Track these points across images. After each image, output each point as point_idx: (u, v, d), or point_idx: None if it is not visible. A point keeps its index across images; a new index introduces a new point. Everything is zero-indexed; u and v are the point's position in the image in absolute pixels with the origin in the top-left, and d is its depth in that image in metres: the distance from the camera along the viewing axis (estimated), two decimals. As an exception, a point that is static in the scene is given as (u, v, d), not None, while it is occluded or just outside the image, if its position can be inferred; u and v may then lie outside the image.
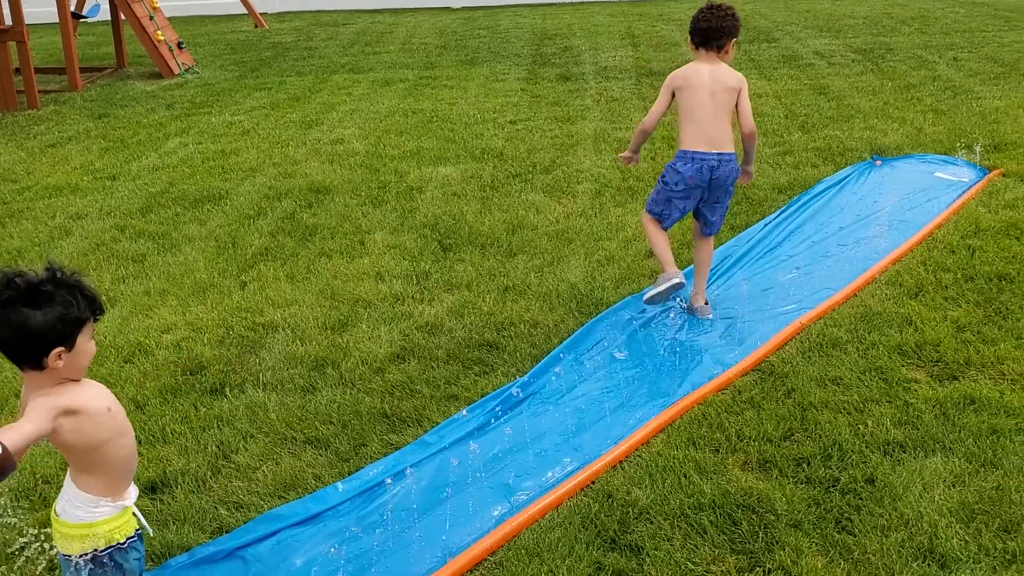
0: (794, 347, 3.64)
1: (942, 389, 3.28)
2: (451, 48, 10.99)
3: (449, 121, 7.42)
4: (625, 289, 4.21)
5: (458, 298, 4.18)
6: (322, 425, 3.22)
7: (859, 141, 6.33)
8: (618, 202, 5.38)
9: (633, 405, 3.25)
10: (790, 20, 12.00)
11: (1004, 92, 7.57)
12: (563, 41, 11.12)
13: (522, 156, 6.35)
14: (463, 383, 3.46)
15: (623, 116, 7.38)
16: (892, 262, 4.37)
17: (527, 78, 9.05)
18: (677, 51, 10.15)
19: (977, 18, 11.70)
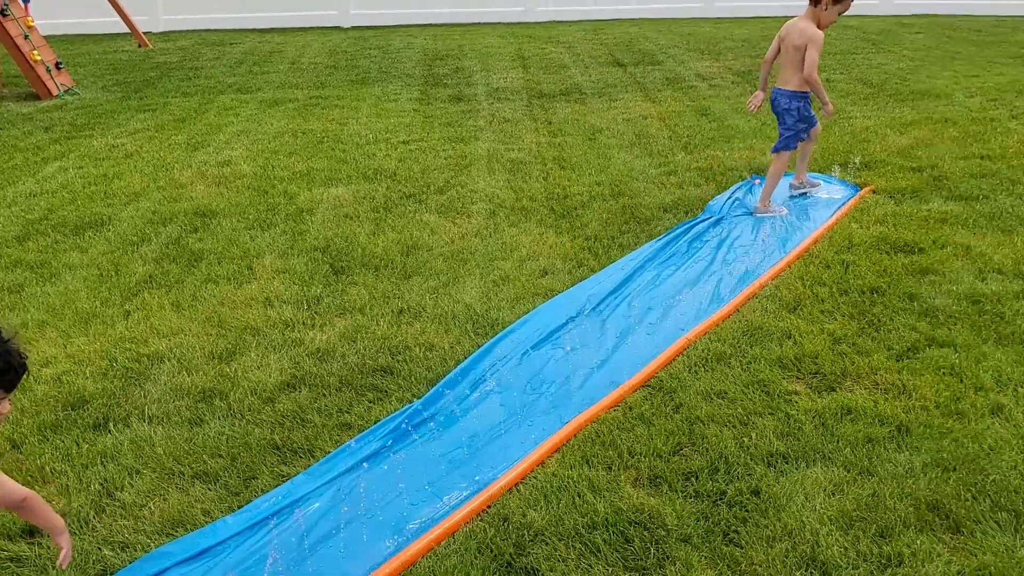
0: (682, 362, 3.74)
1: (821, 400, 3.42)
2: (342, 68, 10.92)
3: (340, 142, 7.36)
4: (521, 308, 4.25)
5: (351, 322, 4.15)
6: (211, 458, 3.13)
7: (739, 161, 6.57)
8: (512, 222, 5.43)
9: (528, 427, 3.28)
10: (673, 43, 12.37)
11: (873, 112, 7.98)
12: (455, 62, 11.18)
13: (416, 176, 6.35)
14: (356, 410, 3.43)
15: (515, 137, 7.46)
16: (772, 277, 4.54)
17: (419, 98, 9.06)
18: (566, 73, 10.34)
19: (847, 41, 12.30)
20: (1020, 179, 5.91)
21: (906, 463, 3.02)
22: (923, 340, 3.84)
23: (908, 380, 3.53)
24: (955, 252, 4.73)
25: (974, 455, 3.06)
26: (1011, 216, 5.23)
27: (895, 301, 4.21)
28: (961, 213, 5.29)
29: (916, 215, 5.28)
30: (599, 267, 4.74)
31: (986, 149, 6.63)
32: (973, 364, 3.64)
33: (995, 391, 3.45)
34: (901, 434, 3.19)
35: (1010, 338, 3.85)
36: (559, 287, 4.49)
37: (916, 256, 4.70)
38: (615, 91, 9.29)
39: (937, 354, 3.72)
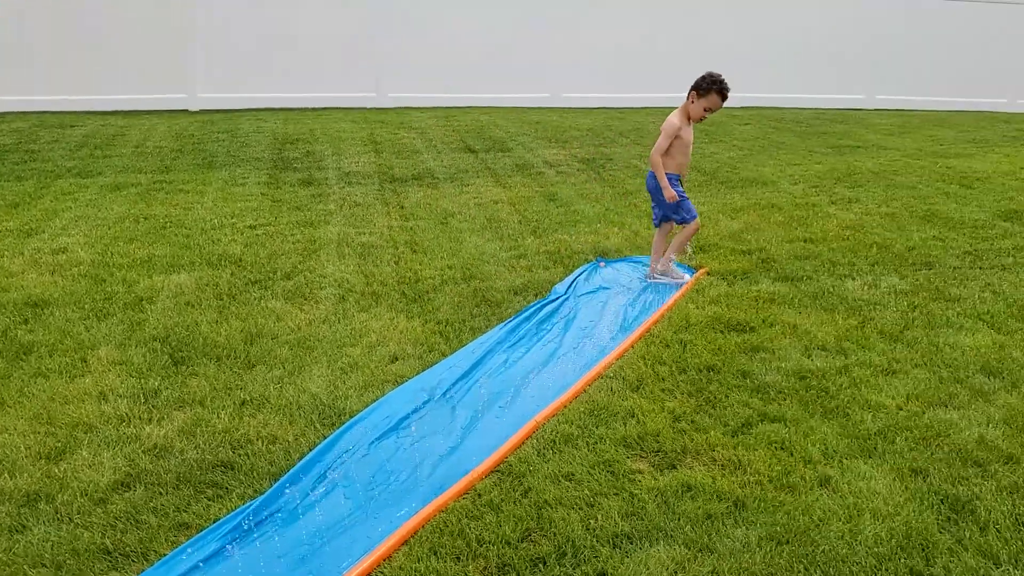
0: (531, 446, 3.79)
1: (663, 478, 3.53)
2: (188, 152, 10.70)
3: (184, 227, 7.17)
4: (369, 396, 4.21)
5: (190, 416, 3.99)
6: (32, 568, 2.92)
7: (585, 244, 6.81)
8: (362, 307, 5.40)
9: (375, 520, 3.22)
10: (522, 131, 12.78)
11: (706, 198, 8.45)
12: (305, 146, 11.16)
13: (262, 262, 6.25)
14: (195, 509, 3.28)
15: (366, 221, 7.48)
16: (617, 357, 4.69)
17: (268, 183, 8.97)
18: (418, 158, 10.49)
19: (684, 131, 13.04)
20: (839, 260, 6.38)
21: (743, 538, 3.14)
22: (756, 416, 4.04)
23: (743, 455, 3.69)
24: (783, 330, 5.03)
25: (805, 527, 3.21)
26: (832, 295, 5.62)
27: (729, 378, 4.42)
28: (787, 293, 5.64)
29: (747, 295, 5.59)
30: (450, 351, 4.77)
31: (808, 233, 7.13)
32: (802, 438, 3.85)
33: (822, 463, 3.65)
34: (738, 509, 3.32)
35: (834, 412, 4.10)
36: (409, 373, 4.48)
37: (748, 335, 4.97)
38: (467, 176, 9.48)
39: (769, 429, 3.92)
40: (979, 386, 4.37)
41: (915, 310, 5.40)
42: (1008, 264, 6.39)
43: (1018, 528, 3.22)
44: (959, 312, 5.37)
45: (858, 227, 7.38)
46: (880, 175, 9.80)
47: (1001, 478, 3.55)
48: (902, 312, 5.36)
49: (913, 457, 3.70)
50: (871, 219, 7.68)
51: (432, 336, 4.97)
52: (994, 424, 3.99)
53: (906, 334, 5.02)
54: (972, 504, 3.36)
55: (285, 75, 14.99)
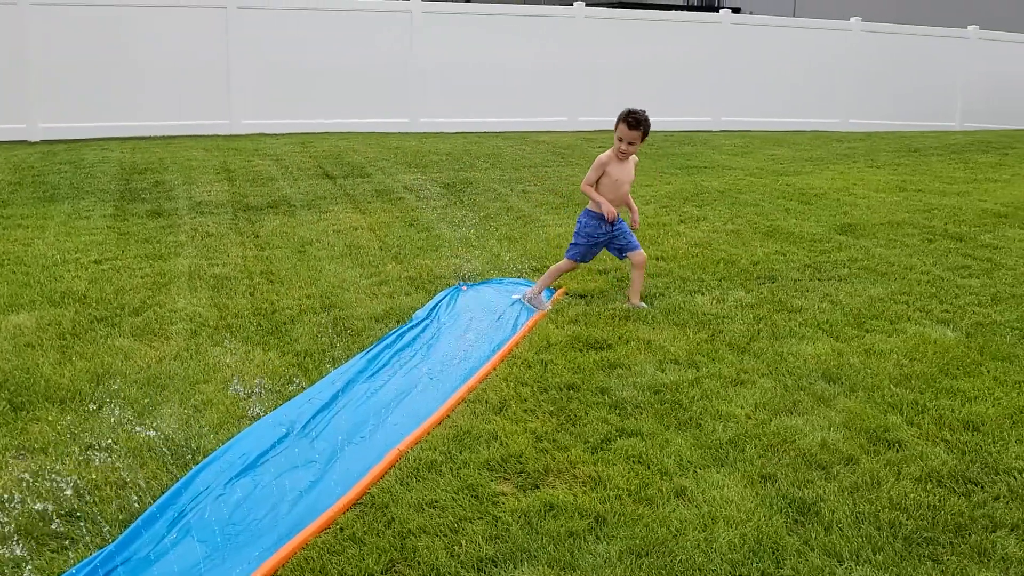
0: (394, 475, 3.75)
1: (526, 499, 3.56)
2: (27, 184, 10.14)
3: (24, 264, 6.78)
4: (225, 434, 4.08)
5: (32, 464, 3.76)
6: None
7: (447, 268, 6.83)
8: (215, 341, 5.24)
9: (232, 563, 3.11)
10: (381, 156, 12.74)
11: (564, 220, 8.63)
12: (154, 176, 10.76)
13: (108, 298, 5.97)
14: (37, 563, 3.09)
15: (219, 251, 7.27)
16: (479, 380, 4.71)
17: (114, 215, 8.60)
18: (274, 185, 10.29)
19: (539, 154, 13.31)
20: (689, 277, 6.63)
21: (604, 553, 3.20)
22: (614, 431, 4.14)
23: (603, 471, 3.77)
24: (638, 346, 5.18)
25: (663, 538, 3.30)
26: (683, 311, 5.83)
27: (589, 396, 4.52)
28: (641, 311, 5.81)
29: (604, 313, 5.74)
30: (309, 383, 4.68)
31: (660, 251, 7.39)
32: (658, 451, 3.96)
33: (678, 475, 3.77)
34: (599, 525, 3.39)
35: (688, 423, 4.25)
36: (267, 407, 4.37)
37: (605, 352, 5.09)
38: (325, 203, 9.36)
39: (627, 444, 4.02)
40: (820, 392, 4.63)
41: (760, 322, 5.67)
42: (844, 275, 6.80)
43: (859, 525, 3.42)
44: (800, 322, 5.67)
45: (706, 244, 7.70)
46: (726, 193, 10.26)
47: (843, 479, 3.76)
48: (748, 324, 5.62)
49: (762, 464, 3.88)
50: (718, 236, 8.03)
51: (290, 368, 4.87)
52: (835, 428, 4.22)
53: (753, 345, 5.27)
54: (817, 506, 3.54)
55: (132, 103, 14.45)
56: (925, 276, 6.77)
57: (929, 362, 5.03)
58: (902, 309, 5.97)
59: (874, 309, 5.96)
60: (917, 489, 3.67)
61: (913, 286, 6.50)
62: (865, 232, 8.28)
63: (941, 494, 3.64)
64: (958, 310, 5.96)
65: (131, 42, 14.33)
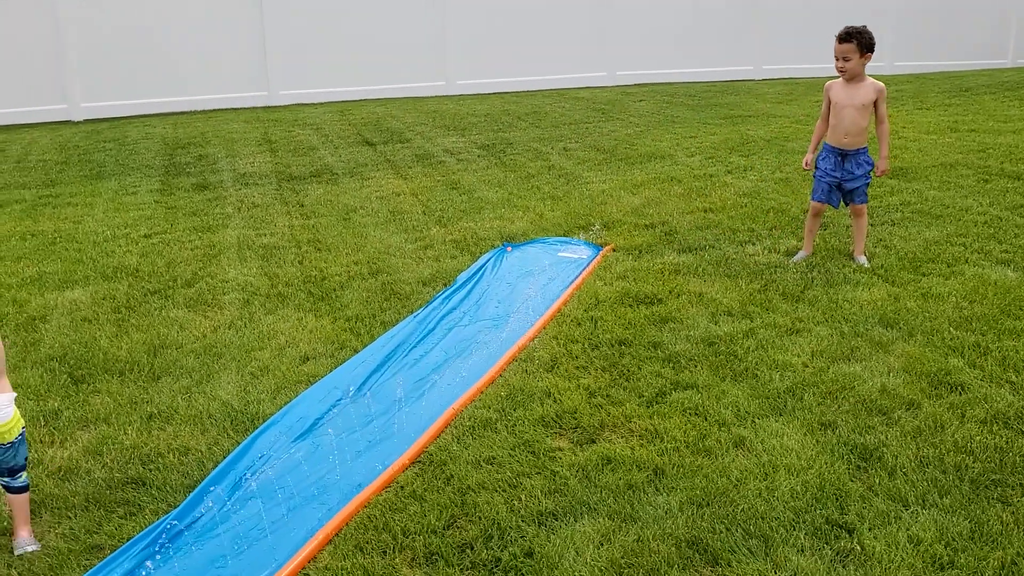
0: (450, 434, 3.77)
1: (582, 453, 3.56)
2: (74, 163, 10.27)
3: (75, 241, 6.89)
4: (282, 399, 4.12)
5: (95, 434, 3.84)
6: (-67, 609, 2.77)
7: (491, 230, 6.80)
8: (268, 309, 5.29)
9: (297, 522, 3.16)
10: (419, 121, 12.69)
11: (608, 176, 8.54)
12: (198, 150, 10.85)
13: (160, 271, 6.05)
14: (107, 529, 3.16)
15: (266, 221, 7.32)
16: (529, 340, 4.70)
17: (161, 189, 8.69)
18: (315, 154, 10.31)
19: (580, 111, 13.17)
20: (739, 228, 6.53)
21: (664, 504, 3.19)
22: (669, 385, 4.11)
23: (659, 424, 3.75)
24: (690, 300, 5.12)
25: (723, 488, 3.28)
26: (735, 262, 5.75)
27: (641, 350, 4.48)
28: (692, 263, 5.75)
29: (653, 268, 5.68)
30: (361, 347, 4.71)
31: (708, 203, 7.28)
32: (715, 402, 3.93)
33: (736, 425, 3.74)
34: (658, 477, 3.37)
35: (744, 374, 4.20)
36: (322, 372, 4.41)
37: (656, 306, 5.05)
38: (366, 170, 9.36)
39: (683, 396, 3.99)
40: (878, 338, 4.54)
41: (813, 270, 5.57)
42: (897, 219, 6.65)
43: (923, 469, 3.36)
44: (855, 268, 5.56)
45: (755, 194, 7.57)
46: (772, 142, 10.07)
47: (904, 424, 3.69)
48: (801, 273, 5.52)
49: (821, 411, 3.82)
50: (766, 185, 7.89)
51: (342, 333, 4.90)
52: (894, 373, 4.15)
53: (807, 294, 5.18)
54: (879, 451, 3.49)
55: (171, 79, 14.52)
56: (982, 217, 6.59)
57: (990, 303, 4.91)
58: (959, 251, 5.82)
59: (930, 252, 5.82)
60: (983, 431, 3.59)
61: (970, 227, 6.34)
62: (917, 175, 8.07)
63: (1008, 436, 3.56)
64: (1018, 250, 5.80)
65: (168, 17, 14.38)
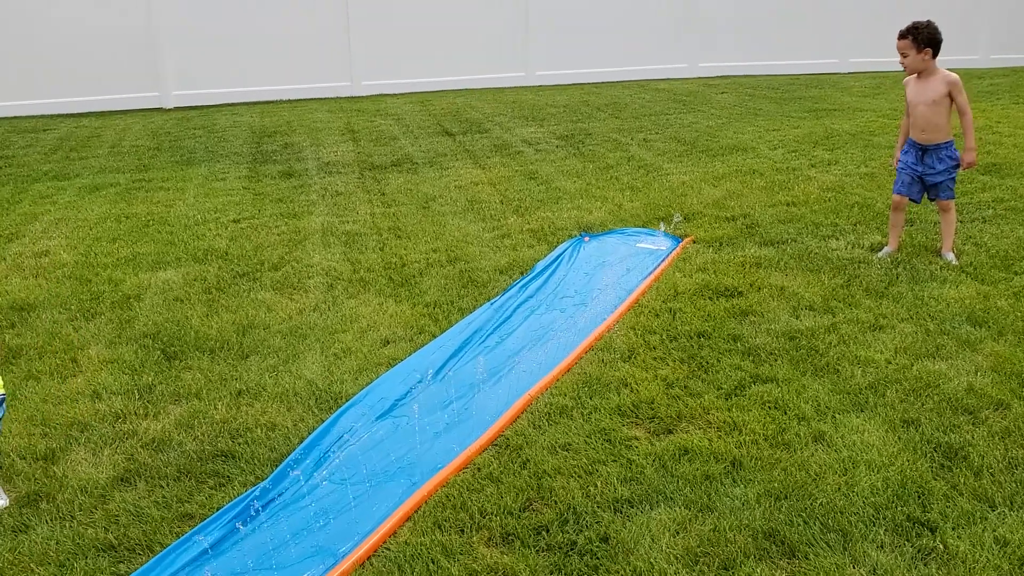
0: (526, 419, 3.81)
1: (659, 443, 3.56)
2: (165, 149, 10.63)
3: (167, 224, 7.14)
4: (364, 380, 4.22)
5: (187, 409, 4.00)
6: (39, 567, 2.93)
7: (568, 220, 6.82)
8: (351, 294, 5.41)
9: (378, 498, 3.24)
10: (498, 111, 12.76)
11: (688, 168, 8.48)
12: (283, 138, 11.11)
13: (248, 255, 6.24)
14: (198, 499, 3.29)
15: (349, 209, 7.47)
16: (607, 329, 4.71)
17: (248, 176, 8.93)
18: (396, 144, 10.46)
19: (660, 102, 13.06)
20: (822, 222, 6.42)
21: (742, 496, 3.18)
22: (748, 378, 4.08)
23: (738, 417, 3.73)
24: (771, 293, 5.07)
25: (802, 482, 3.25)
26: (817, 256, 5.66)
27: (720, 343, 4.46)
28: (773, 256, 5.68)
29: (733, 261, 5.63)
30: (440, 332, 4.78)
31: (790, 196, 7.17)
32: (795, 396, 3.89)
33: (816, 420, 3.70)
34: (735, 468, 3.36)
35: (824, 369, 4.14)
36: (401, 355, 4.50)
37: (736, 299, 5.01)
38: (445, 160, 9.47)
39: (762, 390, 3.96)
40: (965, 336, 4.43)
41: (899, 266, 5.45)
42: (988, 216, 6.45)
43: (1011, 471, 3.27)
44: (942, 265, 5.42)
45: (839, 188, 7.43)
46: (857, 136, 9.85)
47: (992, 424, 3.60)
48: (886, 269, 5.41)
49: (904, 408, 3.75)
50: (851, 180, 7.73)
51: (421, 318, 4.99)
52: (982, 372, 4.04)
53: (891, 290, 5.07)
54: (965, 451, 3.41)
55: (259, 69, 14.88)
56: (1080, 216, 6.36)
57: (1086, 305, 4.75)
58: (1055, 250, 5.63)
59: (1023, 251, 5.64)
60: (1076, 435, 3.49)
61: (1067, 226, 6.12)
62: (1011, 171, 7.81)
63: (1103, 440, 3.45)
64: (1118, 250, 5.58)
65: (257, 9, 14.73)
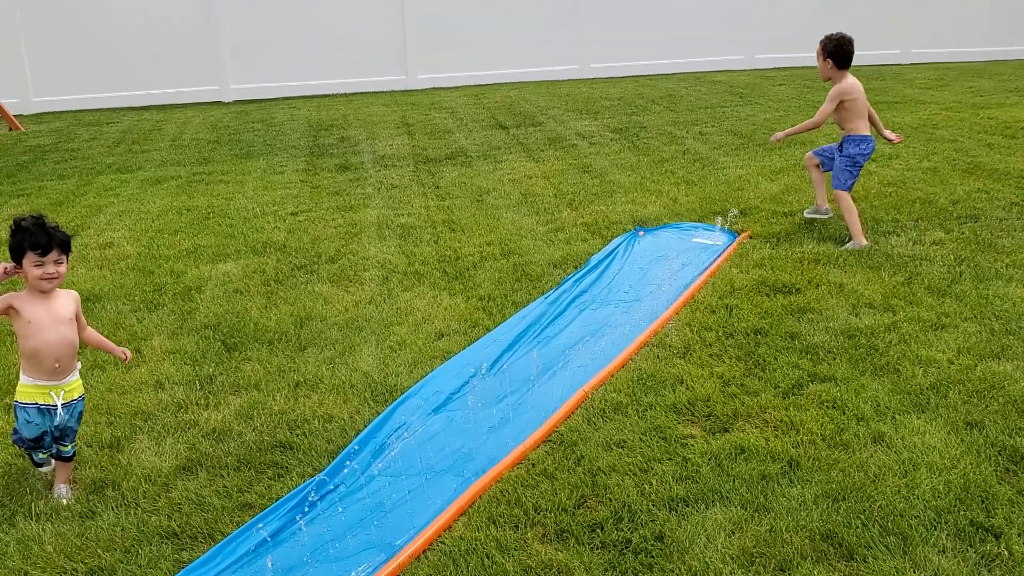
0: (580, 415, 3.81)
1: (715, 442, 3.54)
2: (225, 143, 10.82)
3: (227, 216, 7.27)
4: (419, 373, 4.26)
5: (246, 399, 4.07)
6: (105, 552, 3.01)
7: (622, 214, 6.79)
8: (406, 286, 5.46)
9: (433, 491, 3.27)
10: (552, 104, 12.74)
11: (744, 162, 8.37)
12: (340, 132, 11.23)
13: (306, 247, 6.32)
14: (257, 489, 3.36)
15: (404, 202, 7.53)
16: (662, 325, 4.69)
17: (306, 169, 9.05)
18: (451, 137, 10.51)
19: (717, 95, 12.92)
20: (883, 217, 6.30)
21: (799, 496, 3.14)
22: (806, 376, 4.03)
23: (795, 416, 3.69)
24: (829, 290, 4.99)
25: (860, 484, 3.21)
26: (878, 253, 5.56)
27: (778, 340, 4.41)
28: (832, 253, 5.59)
29: (791, 257, 5.55)
30: (494, 326, 4.80)
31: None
32: (853, 396, 3.83)
33: (875, 420, 3.64)
34: (792, 469, 3.33)
35: (884, 369, 4.07)
36: (456, 348, 4.53)
37: (794, 296, 4.94)
38: (499, 153, 9.48)
39: (820, 389, 3.91)
40: (1032, 337, 4.32)
41: (962, 264, 5.33)
42: (1057, 213, 6.27)
43: (1079, 476, 3.19)
44: (1008, 263, 5.29)
45: (900, 183, 7.28)
46: (920, 129, 9.64)
47: (1059, 427, 3.51)
48: (949, 266, 5.29)
49: (967, 410, 3.67)
50: (913, 174, 7.57)
51: (475, 312, 5.01)
52: (1050, 374, 3.94)
53: (954, 288, 4.96)
54: (1031, 454, 3.33)
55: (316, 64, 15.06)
56: None
57: None
58: None
59: (1094, 249, 5.47)
60: None
61: None
62: (1081, 166, 7.57)
63: None
64: None
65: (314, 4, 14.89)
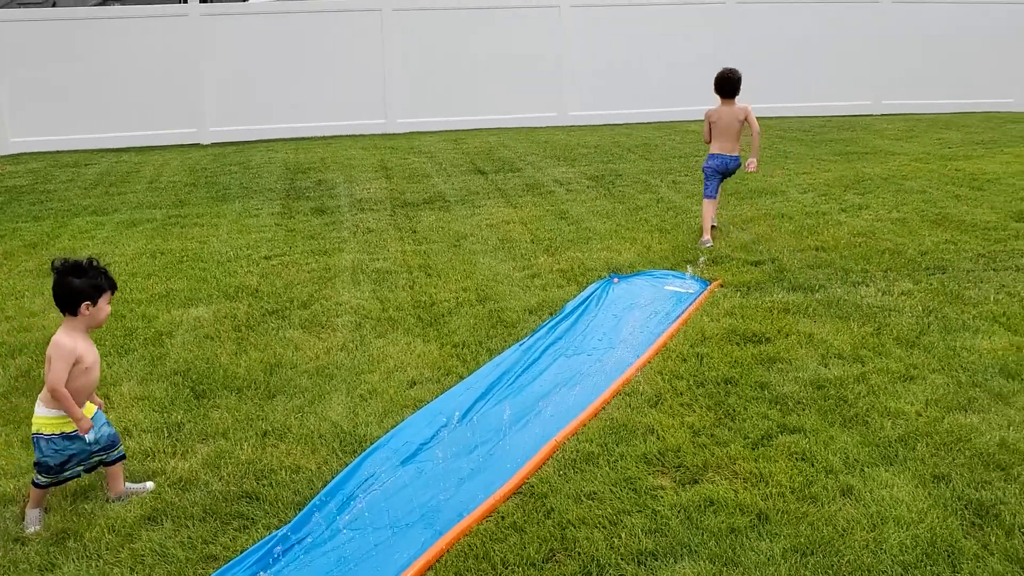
0: (551, 466, 3.80)
1: (685, 493, 3.54)
2: (201, 185, 10.81)
3: (200, 260, 7.25)
4: (390, 422, 4.24)
5: (214, 448, 4.03)
6: (64, 606, 2.96)
7: (598, 261, 6.83)
8: (379, 333, 5.44)
9: (400, 545, 3.24)
10: (531, 151, 12.85)
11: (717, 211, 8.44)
12: (317, 174, 11.26)
13: (278, 292, 6.31)
14: (222, 540, 3.32)
15: (380, 246, 7.54)
16: (634, 373, 4.70)
17: (281, 212, 9.05)
18: (429, 182, 10.56)
19: (690, 144, 13.08)
20: (852, 268, 6.38)
21: (767, 551, 3.14)
22: (775, 427, 4.04)
23: (764, 467, 3.70)
24: (799, 340, 5.04)
25: (829, 538, 3.21)
26: (847, 304, 5.62)
27: (747, 390, 4.43)
28: (802, 303, 5.65)
29: (761, 306, 5.60)
30: (468, 373, 4.80)
31: (820, 241, 7.13)
32: (822, 448, 3.85)
33: (844, 473, 3.65)
34: (761, 522, 3.33)
35: (854, 420, 4.10)
36: (428, 397, 4.52)
37: (764, 346, 4.98)
38: (477, 198, 9.53)
39: (789, 440, 3.92)
40: (998, 389, 4.36)
41: (930, 315, 5.39)
42: (1022, 265, 6.37)
43: (1044, 531, 3.21)
44: (975, 315, 5.36)
45: (869, 234, 7.38)
46: (889, 180, 9.80)
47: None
48: (917, 317, 5.36)
49: (935, 463, 3.70)
50: (882, 225, 7.68)
51: (449, 359, 5.01)
52: (1015, 427, 3.98)
53: (922, 339, 5.02)
54: (996, 508, 3.36)
55: (293, 106, 15.15)
56: (1117, 265, 6.26)
57: (1124, 358, 4.66)
58: (1091, 301, 5.54)
59: (1059, 301, 5.56)
60: (1112, 495, 3.41)
61: (1103, 276, 6.03)
62: (1047, 218, 7.71)
63: None
64: None
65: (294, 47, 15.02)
